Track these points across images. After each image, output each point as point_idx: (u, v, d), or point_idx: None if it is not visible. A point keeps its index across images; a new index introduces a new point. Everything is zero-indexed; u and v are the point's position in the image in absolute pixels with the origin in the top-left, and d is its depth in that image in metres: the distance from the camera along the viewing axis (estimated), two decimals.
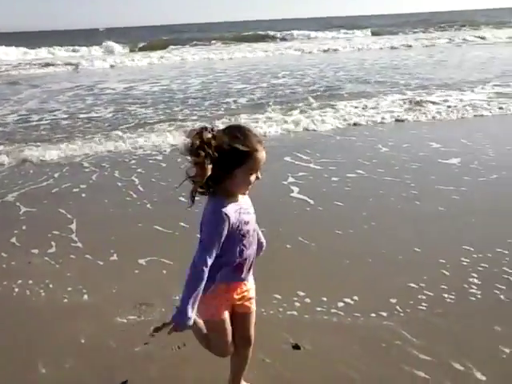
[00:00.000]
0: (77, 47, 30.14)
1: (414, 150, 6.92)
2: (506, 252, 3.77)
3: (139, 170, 6.49)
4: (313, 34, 36.81)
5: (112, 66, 21.70)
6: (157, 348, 2.86)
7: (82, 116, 10.36)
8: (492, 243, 3.94)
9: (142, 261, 3.94)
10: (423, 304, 3.17)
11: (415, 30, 37.63)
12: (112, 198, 5.48)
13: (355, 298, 3.26)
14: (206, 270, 1.97)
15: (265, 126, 8.40)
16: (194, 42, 33.17)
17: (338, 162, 6.43)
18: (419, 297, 3.25)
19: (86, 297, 3.46)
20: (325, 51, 24.95)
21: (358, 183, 5.64)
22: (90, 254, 4.11)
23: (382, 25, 45.00)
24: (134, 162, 6.93)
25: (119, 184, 5.99)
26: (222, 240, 1.97)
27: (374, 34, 36.41)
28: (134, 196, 5.53)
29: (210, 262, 1.97)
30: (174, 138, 7.78)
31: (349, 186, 5.55)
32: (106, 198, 5.51)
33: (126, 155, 7.25)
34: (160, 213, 4.99)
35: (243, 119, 9.03)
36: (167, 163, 6.76)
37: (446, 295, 3.26)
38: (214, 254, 1.97)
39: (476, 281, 3.40)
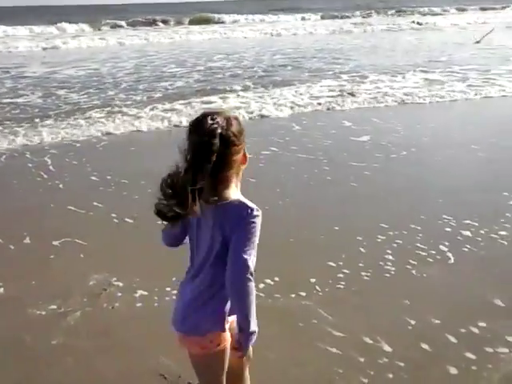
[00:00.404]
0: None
1: (327, 128, 7.20)
2: (419, 228, 3.98)
3: (52, 151, 6.39)
4: (257, 17, 36.52)
5: (36, 49, 20.24)
6: (75, 340, 2.82)
7: (6, 101, 9.80)
8: (406, 220, 4.14)
9: (56, 242, 3.90)
10: (341, 282, 3.30)
11: (355, 14, 38.26)
12: (22, 179, 5.39)
13: (276, 278, 3.34)
14: None
15: (200, 111, 8.33)
16: (132, 20, 32.24)
17: (253, 140, 6.53)
18: (338, 275, 3.38)
19: (1, 290, 3.33)
20: (267, 34, 24.82)
21: (272, 160, 5.80)
22: (1, 238, 4.00)
23: (327, 8, 45.37)
24: (47, 143, 6.80)
25: (30, 165, 5.87)
26: None
27: (322, 18, 36.55)
28: (45, 176, 5.44)
29: None
30: (107, 124, 7.60)
31: (262, 163, 5.68)
32: (16, 178, 5.41)
33: (40, 138, 7.05)
34: (72, 193, 4.96)
35: (179, 104, 8.90)
36: (82, 144, 6.72)
37: (362, 273, 3.41)
38: None
39: (391, 257, 3.58)
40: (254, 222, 1.66)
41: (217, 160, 1.57)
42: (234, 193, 1.68)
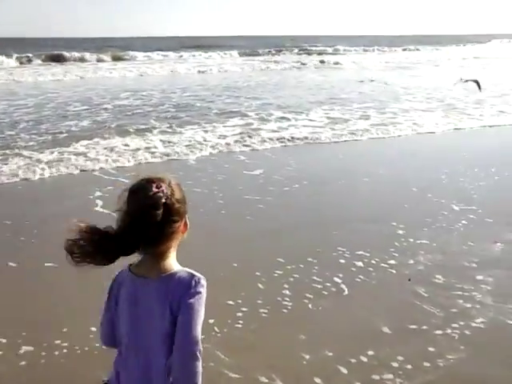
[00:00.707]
0: None
1: (221, 162, 7.44)
2: (315, 261, 4.11)
3: None
4: (169, 54, 36.71)
5: None
6: None
7: None
8: (302, 253, 4.27)
9: None
10: (239, 321, 3.30)
11: (265, 52, 39.80)
12: None
13: None
14: None
15: (105, 151, 8.14)
16: (41, 53, 31.18)
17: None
18: (237, 314, 3.38)
19: None
20: (178, 72, 24.99)
21: None
22: None
23: (238, 46, 46.68)
24: None
25: None
26: None
27: (234, 55, 37.44)
28: None
29: None
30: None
31: None
32: None
33: None
34: None
35: (83, 145, 8.59)
36: None
37: (261, 310, 3.44)
38: None
39: (288, 292, 3.65)
40: (201, 292, 1.56)
41: (159, 230, 1.52)
42: (175, 263, 1.63)
